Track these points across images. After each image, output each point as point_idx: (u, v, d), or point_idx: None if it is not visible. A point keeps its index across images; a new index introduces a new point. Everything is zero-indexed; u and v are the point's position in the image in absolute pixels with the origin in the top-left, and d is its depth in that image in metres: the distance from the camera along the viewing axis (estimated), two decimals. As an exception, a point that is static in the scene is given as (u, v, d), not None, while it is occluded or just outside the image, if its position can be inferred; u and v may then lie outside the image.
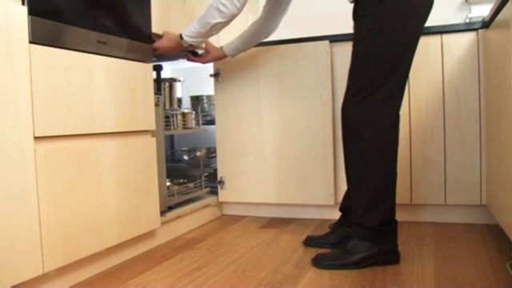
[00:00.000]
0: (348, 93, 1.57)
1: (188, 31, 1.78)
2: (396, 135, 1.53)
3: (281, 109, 2.20)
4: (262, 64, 2.22)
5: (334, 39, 2.11)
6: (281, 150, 2.21)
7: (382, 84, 1.49)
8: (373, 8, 1.48)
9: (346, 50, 1.99)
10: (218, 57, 2.07)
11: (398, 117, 1.53)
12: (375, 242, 1.50)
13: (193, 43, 1.81)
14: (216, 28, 1.74)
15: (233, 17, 1.73)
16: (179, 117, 2.16)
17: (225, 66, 2.28)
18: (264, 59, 2.22)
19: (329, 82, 2.11)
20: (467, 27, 1.94)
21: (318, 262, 1.53)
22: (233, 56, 2.08)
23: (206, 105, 2.57)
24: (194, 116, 2.29)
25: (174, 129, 2.12)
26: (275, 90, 2.20)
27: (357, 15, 1.57)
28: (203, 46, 1.99)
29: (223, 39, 2.31)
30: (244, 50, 2.09)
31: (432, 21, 2.30)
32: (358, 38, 1.56)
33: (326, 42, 2.11)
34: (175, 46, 1.82)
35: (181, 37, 1.79)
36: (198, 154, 2.59)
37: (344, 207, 1.75)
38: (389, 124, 1.51)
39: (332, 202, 2.12)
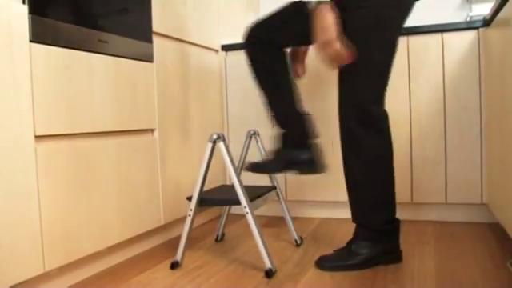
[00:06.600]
0: (342, 96, 1.48)
1: None
2: (390, 134, 1.48)
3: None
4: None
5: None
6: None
7: (375, 83, 1.44)
8: (370, 1, 1.37)
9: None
10: None
11: (387, 115, 1.48)
12: (379, 242, 1.49)
13: None
14: None
15: None
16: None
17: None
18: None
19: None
20: (468, 26, 1.94)
21: (321, 265, 1.51)
22: None
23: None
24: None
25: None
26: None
27: (345, 5, 1.40)
28: None
29: (224, 38, 2.31)
30: None
31: (433, 19, 2.31)
32: (351, 34, 1.40)
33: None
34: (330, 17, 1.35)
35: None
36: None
37: None
38: (382, 123, 1.47)
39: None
